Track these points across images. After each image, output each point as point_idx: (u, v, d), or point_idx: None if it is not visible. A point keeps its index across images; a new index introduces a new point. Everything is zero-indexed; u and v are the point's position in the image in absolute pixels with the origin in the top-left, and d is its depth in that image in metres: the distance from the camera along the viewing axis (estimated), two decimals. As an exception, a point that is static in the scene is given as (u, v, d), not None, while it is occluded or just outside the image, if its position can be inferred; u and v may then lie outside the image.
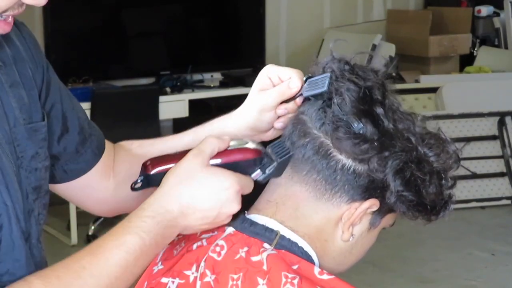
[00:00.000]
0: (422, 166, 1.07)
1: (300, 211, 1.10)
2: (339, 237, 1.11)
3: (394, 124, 1.07)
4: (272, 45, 5.59)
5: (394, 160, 1.05)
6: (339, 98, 1.07)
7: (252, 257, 1.06)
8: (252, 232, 1.09)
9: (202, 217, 1.05)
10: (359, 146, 1.05)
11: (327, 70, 1.11)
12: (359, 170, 1.07)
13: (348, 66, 1.10)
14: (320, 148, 1.08)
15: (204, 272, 1.07)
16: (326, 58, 1.13)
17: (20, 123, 1.07)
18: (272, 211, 1.11)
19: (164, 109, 4.72)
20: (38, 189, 1.10)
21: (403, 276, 4.13)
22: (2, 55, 1.08)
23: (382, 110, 1.07)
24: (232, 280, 1.05)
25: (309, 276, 1.05)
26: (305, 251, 1.09)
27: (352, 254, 1.14)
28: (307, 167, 1.09)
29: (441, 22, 6.14)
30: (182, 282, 1.08)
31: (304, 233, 1.10)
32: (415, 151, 1.07)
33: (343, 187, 1.08)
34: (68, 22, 4.86)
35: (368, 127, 1.05)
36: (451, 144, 1.11)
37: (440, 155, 1.08)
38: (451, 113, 5.32)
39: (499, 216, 5.07)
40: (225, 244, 1.09)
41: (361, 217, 1.10)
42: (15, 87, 1.08)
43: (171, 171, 1.07)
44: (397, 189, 1.05)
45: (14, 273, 1.01)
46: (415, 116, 1.11)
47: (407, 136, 1.07)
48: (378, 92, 1.08)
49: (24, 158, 1.07)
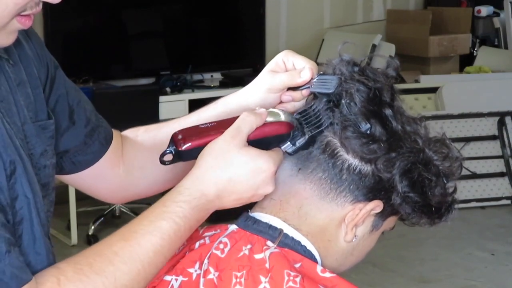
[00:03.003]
0: (429, 168, 1.07)
1: (304, 210, 1.11)
2: (342, 237, 1.11)
3: (402, 126, 1.08)
4: (272, 45, 5.59)
5: (402, 161, 1.06)
6: (349, 98, 1.07)
7: (255, 254, 1.06)
8: (256, 230, 1.09)
9: (238, 199, 1.06)
10: (367, 146, 1.06)
11: (337, 72, 1.11)
12: (365, 171, 1.07)
13: (358, 67, 1.11)
14: (327, 147, 1.08)
15: (208, 269, 1.07)
16: (335, 60, 1.13)
17: (28, 121, 1.07)
18: (276, 209, 1.12)
19: (164, 109, 4.72)
20: (46, 186, 1.10)
21: (403, 276, 4.13)
22: (10, 53, 1.08)
23: (391, 112, 1.08)
24: (235, 277, 1.05)
25: (312, 274, 1.05)
26: (308, 250, 1.10)
27: (352, 256, 1.14)
28: (313, 165, 1.09)
29: (441, 22, 6.14)
30: (185, 280, 1.08)
31: (308, 232, 1.10)
32: (423, 153, 1.07)
33: (348, 187, 1.08)
34: (68, 22, 4.86)
35: (377, 128, 1.06)
36: (456, 150, 1.12)
37: (445, 159, 1.09)
38: (451, 113, 5.32)
39: (499, 216, 5.07)
40: (228, 241, 1.09)
41: (365, 219, 1.10)
42: (22, 85, 1.08)
43: (207, 150, 1.05)
44: (404, 190, 1.06)
45: (35, 266, 1.00)
46: (421, 120, 1.12)
47: (414, 138, 1.08)
48: (387, 94, 1.09)
49: (34, 155, 1.07)
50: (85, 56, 4.89)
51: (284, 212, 1.11)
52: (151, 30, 5.34)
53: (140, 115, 4.62)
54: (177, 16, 5.36)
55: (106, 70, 5.01)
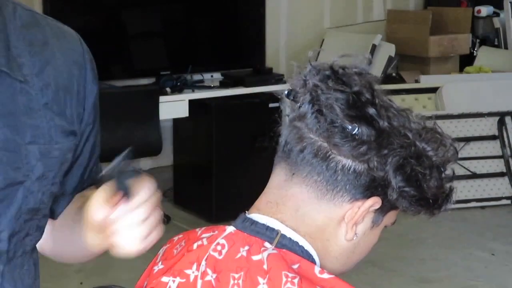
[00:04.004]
0: (422, 160, 1.07)
1: (301, 212, 1.10)
2: (343, 236, 1.11)
3: (389, 122, 1.07)
4: (272, 45, 5.58)
5: (394, 157, 1.06)
6: (329, 110, 1.06)
7: (253, 256, 1.06)
8: (253, 231, 1.09)
9: None
10: (358, 149, 1.06)
11: (308, 83, 1.09)
12: (360, 169, 1.07)
13: (329, 72, 1.09)
14: (319, 151, 1.08)
15: (205, 271, 1.07)
16: (304, 71, 1.11)
17: (35, 142, 1.05)
18: (273, 211, 1.11)
19: (164, 109, 4.72)
20: (34, 211, 1.07)
21: (403, 276, 4.13)
22: (44, 76, 1.10)
23: (374, 110, 1.07)
24: (233, 279, 1.05)
25: (310, 275, 1.05)
26: (305, 250, 1.10)
27: (354, 254, 1.14)
28: (307, 169, 1.09)
29: (441, 22, 6.14)
30: (183, 281, 1.08)
31: (305, 232, 1.10)
32: (414, 146, 1.07)
33: (345, 187, 1.08)
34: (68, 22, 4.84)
35: (364, 129, 1.05)
36: (447, 137, 1.11)
37: (438, 149, 1.09)
38: (451, 113, 5.32)
39: (499, 216, 5.07)
40: (226, 243, 1.09)
41: (364, 216, 1.10)
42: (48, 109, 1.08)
43: None
44: (399, 185, 1.06)
45: None
46: (409, 111, 1.11)
47: (404, 132, 1.08)
48: (367, 93, 1.07)
49: (29, 177, 1.05)
50: (85, 56, 4.88)
51: (281, 214, 1.11)
52: (151, 30, 5.33)
53: (140, 115, 4.62)
54: (177, 16, 5.35)
55: (106, 70, 5.00)
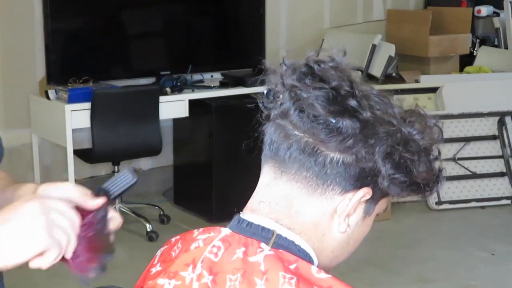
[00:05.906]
0: (409, 146, 1.07)
1: (294, 209, 1.10)
2: (336, 229, 1.11)
3: (372, 111, 1.07)
4: (272, 45, 5.58)
5: (381, 146, 1.06)
6: (311, 109, 1.06)
7: (249, 257, 1.06)
8: (249, 232, 1.09)
9: None
10: (344, 143, 1.06)
11: (286, 83, 1.09)
12: (348, 161, 1.07)
13: (307, 70, 1.08)
14: (306, 147, 1.08)
15: (202, 273, 1.06)
16: (280, 70, 1.10)
17: None
18: (266, 211, 1.11)
19: (164, 109, 4.72)
20: None
21: (403, 276, 4.13)
22: None
23: (355, 102, 1.06)
24: (230, 280, 1.05)
25: (307, 275, 1.05)
26: (302, 249, 1.10)
27: (349, 245, 1.14)
28: (296, 166, 1.09)
29: (441, 22, 6.14)
30: (178, 284, 1.08)
31: (300, 230, 1.10)
32: (400, 132, 1.07)
33: (335, 180, 1.08)
34: (68, 22, 4.85)
35: (348, 123, 1.05)
36: (431, 118, 1.11)
37: (424, 132, 1.09)
38: (451, 113, 5.32)
39: (499, 216, 5.08)
40: (221, 245, 1.09)
41: (356, 207, 1.10)
42: None
43: None
44: (389, 173, 1.06)
45: None
46: (391, 96, 1.11)
47: (388, 119, 1.07)
48: (345, 86, 1.07)
49: None
50: (85, 56, 4.88)
51: (275, 213, 1.11)
52: (151, 30, 5.33)
53: (140, 115, 4.62)
54: (177, 16, 5.35)
55: (106, 70, 5.01)
